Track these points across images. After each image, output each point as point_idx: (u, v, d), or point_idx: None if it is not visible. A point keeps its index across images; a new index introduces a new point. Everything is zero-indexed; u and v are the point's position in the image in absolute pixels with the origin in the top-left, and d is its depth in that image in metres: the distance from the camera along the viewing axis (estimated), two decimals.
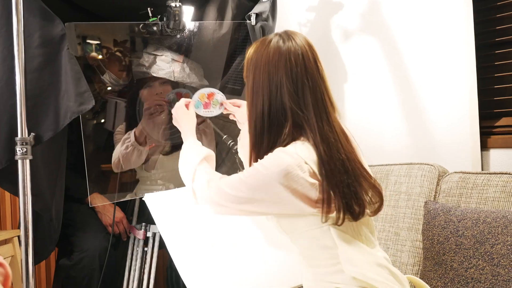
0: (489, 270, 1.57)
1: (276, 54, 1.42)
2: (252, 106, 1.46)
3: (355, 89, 2.56)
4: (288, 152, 1.36)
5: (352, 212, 1.36)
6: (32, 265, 1.79)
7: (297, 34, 1.48)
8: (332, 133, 1.40)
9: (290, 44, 1.43)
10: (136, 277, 2.36)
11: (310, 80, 1.42)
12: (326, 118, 1.41)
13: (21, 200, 1.79)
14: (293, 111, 1.39)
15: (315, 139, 1.37)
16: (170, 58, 2.30)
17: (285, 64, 1.41)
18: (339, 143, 1.40)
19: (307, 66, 1.43)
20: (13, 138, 1.82)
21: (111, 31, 2.34)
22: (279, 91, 1.40)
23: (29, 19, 1.83)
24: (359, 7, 2.52)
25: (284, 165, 1.33)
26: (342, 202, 1.34)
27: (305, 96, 1.40)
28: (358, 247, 1.40)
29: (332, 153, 1.37)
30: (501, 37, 2.21)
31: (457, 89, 2.18)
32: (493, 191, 1.80)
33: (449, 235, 1.72)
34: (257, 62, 1.45)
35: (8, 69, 1.85)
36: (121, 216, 2.47)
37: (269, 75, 1.42)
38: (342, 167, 1.36)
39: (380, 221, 2.12)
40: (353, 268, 1.37)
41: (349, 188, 1.36)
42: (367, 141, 2.51)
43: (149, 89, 2.34)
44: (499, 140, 2.17)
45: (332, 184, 1.34)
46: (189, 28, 2.28)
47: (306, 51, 1.44)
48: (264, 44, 1.47)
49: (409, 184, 2.09)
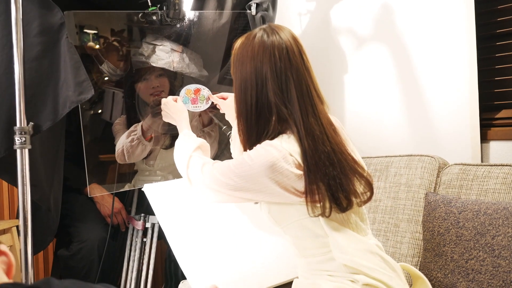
0: (489, 261, 1.58)
1: (260, 49, 1.43)
2: (239, 101, 1.47)
3: (355, 80, 2.55)
4: (274, 145, 1.38)
5: (339, 204, 1.38)
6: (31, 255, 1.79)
7: (281, 28, 1.49)
8: (318, 126, 1.41)
9: (274, 38, 1.44)
10: (135, 267, 2.36)
11: (295, 74, 1.42)
12: (312, 111, 1.42)
13: (20, 190, 1.77)
14: (278, 106, 1.41)
15: (300, 133, 1.39)
16: (170, 48, 2.28)
17: (269, 58, 1.42)
18: (325, 135, 1.41)
19: (292, 60, 1.43)
20: (12, 127, 1.81)
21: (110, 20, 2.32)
22: (264, 86, 1.42)
23: (27, 7, 1.81)
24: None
25: (269, 158, 1.36)
26: (328, 194, 1.36)
27: (289, 90, 1.41)
28: (348, 235, 1.42)
29: (317, 146, 1.38)
30: (502, 29, 2.20)
31: (457, 80, 2.18)
32: (493, 183, 1.80)
33: (449, 227, 1.72)
34: (242, 57, 1.46)
35: (6, 58, 1.84)
36: (119, 207, 2.47)
37: (255, 70, 1.43)
38: (328, 160, 1.38)
39: (380, 212, 2.11)
40: (343, 255, 1.39)
41: (335, 180, 1.37)
42: (367, 132, 2.50)
43: (145, 82, 2.32)
44: (499, 132, 2.17)
45: (317, 177, 1.36)
46: (189, 17, 2.26)
47: (291, 45, 1.45)
48: (249, 39, 1.47)
49: (409, 176, 2.08)
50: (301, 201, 1.40)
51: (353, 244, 1.41)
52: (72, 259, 2.32)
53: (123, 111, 2.38)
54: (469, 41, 2.12)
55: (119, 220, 2.47)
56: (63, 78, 1.89)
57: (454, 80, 2.19)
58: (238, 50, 1.49)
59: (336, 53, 2.61)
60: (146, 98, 2.37)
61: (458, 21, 2.15)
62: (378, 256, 1.42)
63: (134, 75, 2.32)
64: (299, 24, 2.73)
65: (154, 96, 2.35)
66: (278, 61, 1.41)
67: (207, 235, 1.83)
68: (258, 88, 1.42)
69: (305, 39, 2.70)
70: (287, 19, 2.71)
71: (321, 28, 2.64)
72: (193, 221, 1.86)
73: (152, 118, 2.26)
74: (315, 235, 1.42)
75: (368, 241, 1.44)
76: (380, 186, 2.16)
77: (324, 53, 2.65)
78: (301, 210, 1.41)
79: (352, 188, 1.40)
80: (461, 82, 2.16)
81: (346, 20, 2.57)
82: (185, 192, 1.95)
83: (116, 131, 2.32)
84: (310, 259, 1.45)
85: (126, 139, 2.26)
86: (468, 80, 2.14)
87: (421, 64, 2.31)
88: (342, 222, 1.42)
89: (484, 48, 2.22)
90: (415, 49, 2.33)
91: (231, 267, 1.75)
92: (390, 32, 2.40)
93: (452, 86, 2.19)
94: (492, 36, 2.24)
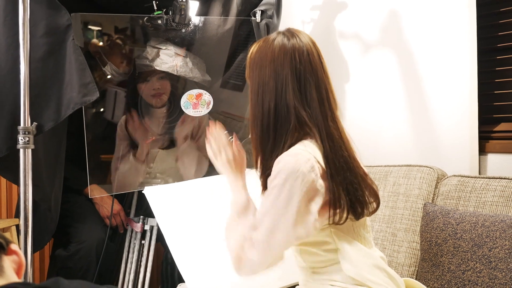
0: (486, 273, 1.59)
1: (281, 52, 1.41)
2: (257, 105, 1.44)
3: (356, 89, 2.57)
4: (299, 151, 1.35)
5: (354, 211, 1.36)
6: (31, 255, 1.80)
7: (300, 32, 1.48)
8: (337, 130, 1.41)
9: (295, 41, 1.43)
10: (133, 269, 2.37)
11: (315, 77, 1.42)
12: (331, 115, 1.42)
13: (22, 189, 1.78)
14: (297, 109, 1.39)
15: (322, 135, 1.37)
16: (174, 52, 2.30)
17: (290, 61, 1.40)
18: (342, 141, 1.41)
19: (312, 63, 1.43)
20: (15, 127, 1.82)
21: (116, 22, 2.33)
22: (284, 89, 1.40)
23: (35, 8, 1.83)
24: (362, 7, 2.53)
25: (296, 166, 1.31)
26: (347, 200, 1.35)
27: (310, 93, 1.40)
28: (357, 248, 1.41)
29: (337, 150, 1.37)
30: (503, 43, 2.22)
31: (457, 93, 2.20)
32: (491, 195, 1.81)
33: (447, 237, 1.74)
34: (261, 60, 1.44)
35: (12, 58, 1.85)
36: (118, 209, 2.47)
37: (275, 73, 1.41)
38: (346, 165, 1.37)
39: (377, 221, 2.13)
40: (352, 268, 1.38)
41: (352, 185, 1.36)
42: (367, 141, 2.52)
43: (146, 84, 2.34)
44: (497, 145, 2.19)
45: (337, 182, 1.34)
46: (194, 22, 2.28)
47: (311, 48, 1.44)
48: (267, 43, 1.45)
49: (408, 186, 2.10)
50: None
51: (361, 257, 1.40)
52: (70, 259, 2.32)
53: (125, 111, 2.39)
54: (470, 54, 2.14)
55: (117, 222, 2.47)
56: (68, 79, 1.90)
57: (455, 92, 2.20)
58: (256, 54, 1.47)
59: (338, 61, 2.62)
60: (148, 99, 2.39)
61: (460, 34, 2.17)
62: (384, 271, 1.42)
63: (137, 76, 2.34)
64: None
65: (156, 98, 2.37)
66: (299, 64, 1.40)
67: (206, 239, 1.84)
68: (278, 91, 1.40)
69: None
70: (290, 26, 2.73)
71: (324, 37, 2.66)
72: (192, 225, 1.87)
73: (162, 130, 2.27)
74: (325, 245, 1.41)
75: (374, 254, 1.44)
76: None
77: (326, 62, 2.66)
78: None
79: (365, 196, 1.39)
80: (462, 94, 2.18)
81: (348, 30, 2.59)
82: (185, 195, 1.96)
83: (118, 133, 2.34)
84: (315, 269, 1.45)
85: (119, 163, 2.28)
86: (468, 92, 2.16)
87: (421, 75, 2.33)
88: (350, 233, 1.42)
89: (485, 61, 2.24)
90: (416, 60, 2.34)
91: (229, 271, 1.75)
92: (391, 43, 2.42)
93: (452, 98, 2.21)
94: (493, 50, 2.26)
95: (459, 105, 2.19)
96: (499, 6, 2.22)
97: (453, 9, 2.19)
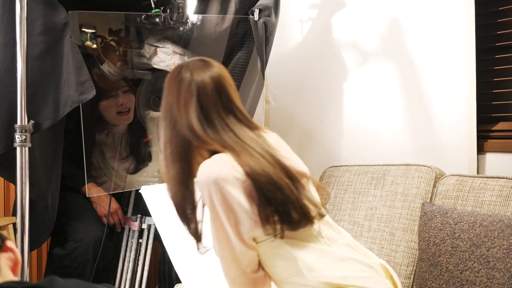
0: (484, 273, 1.59)
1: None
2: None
3: (354, 88, 2.57)
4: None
5: (290, 221, 1.35)
6: (28, 253, 1.79)
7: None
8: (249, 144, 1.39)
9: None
10: (130, 268, 2.36)
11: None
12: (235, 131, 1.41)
13: (19, 188, 1.77)
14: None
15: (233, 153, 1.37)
16: (171, 50, 2.29)
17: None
18: (257, 153, 1.38)
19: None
20: (12, 125, 1.81)
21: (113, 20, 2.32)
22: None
23: (32, 5, 1.82)
24: (360, 6, 2.52)
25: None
26: (273, 213, 1.34)
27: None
28: (314, 251, 1.40)
29: (255, 167, 1.35)
30: (502, 42, 2.22)
31: (456, 92, 2.19)
32: (489, 195, 1.81)
33: (445, 237, 1.74)
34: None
35: (9, 56, 1.84)
36: (116, 207, 2.47)
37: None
38: (269, 179, 1.34)
39: (375, 220, 2.13)
40: (314, 273, 1.37)
41: (276, 199, 1.34)
42: (365, 141, 2.52)
43: (111, 100, 2.32)
44: (495, 144, 2.19)
45: (258, 195, 1.33)
46: (192, 21, 2.27)
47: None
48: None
49: (406, 185, 2.10)
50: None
51: (321, 259, 1.39)
52: (67, 258, 2.32)
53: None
54: (469, 53, 2.14)
55: (115, 220, 2.47)
56: (65, 77, 1.89)
57: (453, 91, 2.20)
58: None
59: (336, 60, 2.62)
60: (112, 118, 2.36)
61: (459, 33, 2.17)
62: (349, 259, 1.40)
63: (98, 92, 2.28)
64: (300, 31, 2.75)
65: (122, 115, 2.35)
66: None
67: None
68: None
69: (306, 46, 2.73)
70: (288, 25, 2.73)
71: (322, 35, 2.66)
72: None
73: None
74: (282, 257, 1.40)
75: (336, 250, 1.42)
76: (377, 194, 2.17)
77: (324, 61, 2.66)
78: (259, 231, 1.38)
79: (295, 207, 1.36)
80: (460, 93, 2.18)
81: (347, 29, 2.58)
82: None
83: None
84: (285, 283, 1.43)
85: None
86: (466, 91, 2.16)
87: (420, 74, 2.32)
88: (307, 238, 1.40)
89: (484, 60, 2.24)
90: (414, 59, 2.34)
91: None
92: (390, 41, 2.42)
93: (450, 97, 2.21)
94: (492, 49, 2.26)
95: (458, 104, 2.19)
96: (498, 5, 2.22)
97: (452, 7, 2.18)
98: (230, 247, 1.39)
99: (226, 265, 1.44)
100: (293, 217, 1.35)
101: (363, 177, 2.26)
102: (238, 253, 1.39)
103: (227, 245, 1.40)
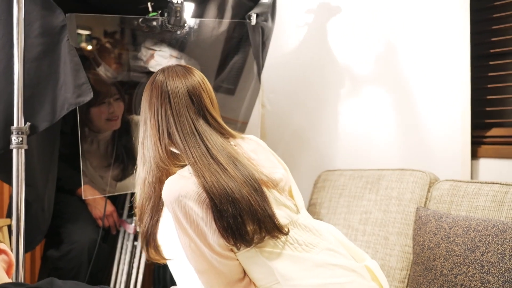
0: (478, 277, 1.60)
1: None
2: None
3: (350, 93, 2.58)
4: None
5: (242, 234, 1.35)
6: (23, 255, 1.79)
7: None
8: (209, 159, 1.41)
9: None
10: (125, 271, 2.36)
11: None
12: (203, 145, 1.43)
13: (15, 189, 1.78)
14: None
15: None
16: (168, 53, 2.30)
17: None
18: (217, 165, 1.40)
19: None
20: (8, 127, 1.81)
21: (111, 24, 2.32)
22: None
23: (30, 7, 1.82)
24: (356, 11, 2.54)
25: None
26: (226, 226, 1.35)
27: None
28: (290, 258, 1.39)
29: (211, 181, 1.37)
30: (496, 49, 2.24)
31: (450, 98, 2.21)
32: (483, 200, 1.83)
33: (440, 242, 1.75)
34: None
35: (6, 58, 1.84)
36: (111, 210, 2.46)
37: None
38: (222, 192, 1.35)
39: (370, 225, 2.14)
40: (290, 282, 1.36)
41: (228, 210, 1.35)
42: (360, 145, 2.53)
43: (103, 106, 2.33)
44: (489, 150, 2.20)
45: (211, 209, 1.35)
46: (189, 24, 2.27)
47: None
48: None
49: (400, 190, 2.11)
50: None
51: (296, 266, 1.38)
52: (62, 260, 2.31)
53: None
54: (463, 60, 2.16)
55: (110, 223, 2.46)
56: (62, 80, 1.89)
57: (448, 97, 2.22)
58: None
59: (332, 65, 2.64)
60: (101, 124, 2.36)
61: (454, 39, 2.18)
62: (328, 265, 1.39)
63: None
64: (296, 36, 2.76)
65: (111, 121, 2.36)
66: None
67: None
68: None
69: (302, 51, 2.75)
70: (284, 30, 2.74)
71: (318, 41, 2.67)
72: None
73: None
74: (259, 267, 1.41)
75: (314, 257, 1.40)
76: (371, 199, 2.18)
77: (320, 66, 2.68)
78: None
79: (267, 210, 1.37)
80: (455, 99, 2.20)
81: (343, 35, 2.60)
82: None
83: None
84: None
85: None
86: (461, 97, 2.17)
87: (415, 80, 2.34)
88: (277, 246, 1.40)
89: (478, 67, 2.26)
90: (409, 65, 2.36)
91: None
92: (385, 49, 2.44)
93: (445, 103, 2.23)
94: (486, 55, 2.28)
95: (452, 110, 2.20)
96: (493, 12, 2.24)
97: (447, 14, 2.20)
98: (207, 260, 1.41)
99: (208, 279, 1.44)
100: (247, 230, 1.35)
101: (358, 182, 2.27)
102: (216, 265, 1.40)
103: (204, 259, 1.41)
